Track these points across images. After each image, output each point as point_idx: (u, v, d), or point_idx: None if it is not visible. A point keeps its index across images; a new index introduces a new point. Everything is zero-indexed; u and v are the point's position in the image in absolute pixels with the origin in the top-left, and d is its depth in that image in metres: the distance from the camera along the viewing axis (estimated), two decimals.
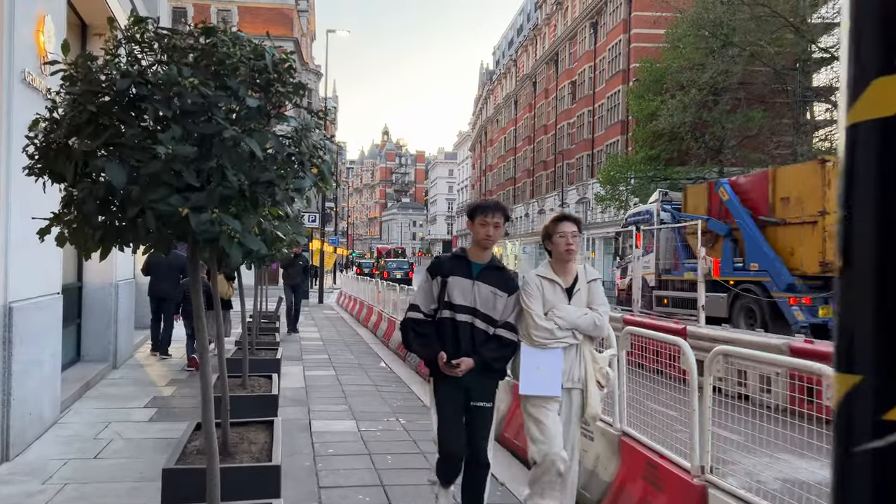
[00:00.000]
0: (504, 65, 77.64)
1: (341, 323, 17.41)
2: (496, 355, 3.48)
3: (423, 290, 3.63)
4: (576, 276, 3.64)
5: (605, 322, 3.61)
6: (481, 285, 3.50)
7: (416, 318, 3.59)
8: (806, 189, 12.30)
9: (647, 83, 37.94)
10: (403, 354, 10.77)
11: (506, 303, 3.55)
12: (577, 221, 3.69)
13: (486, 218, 3.49)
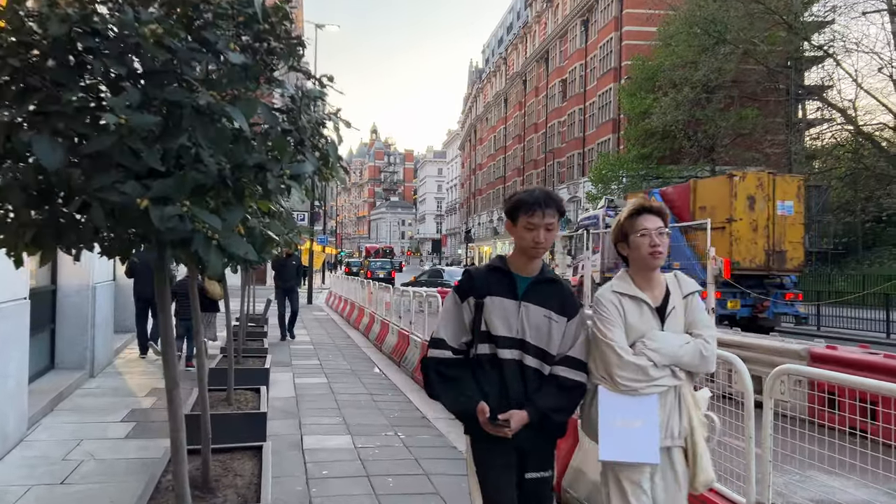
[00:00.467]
0: (494, 63, 77.20)
1: (331, 325, 16.87)
2: (557, 404, 2.49)
3: (450, 316, 2.61)
4: (666, 290, 2.60)
5: (713, 352, 2.55)
6: (530, 307, 2.52)
7: (441, 357, 2.57)
8: (717, 199, 14.39)
9: (639, 81, 37.62)
10: (398, 359, 10.29)
11: (565, 330, 2.54)
12: (663, 214, 2.61)
13: (532, 219, 2.48)
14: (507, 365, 2.49)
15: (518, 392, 2.48)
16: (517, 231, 2.53)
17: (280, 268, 13.28)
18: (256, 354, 7.15)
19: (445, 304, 2.67)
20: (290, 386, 8.33)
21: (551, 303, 2.53)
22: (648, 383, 2.46)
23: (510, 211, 2.58)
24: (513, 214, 2.57)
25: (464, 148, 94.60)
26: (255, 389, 5.24)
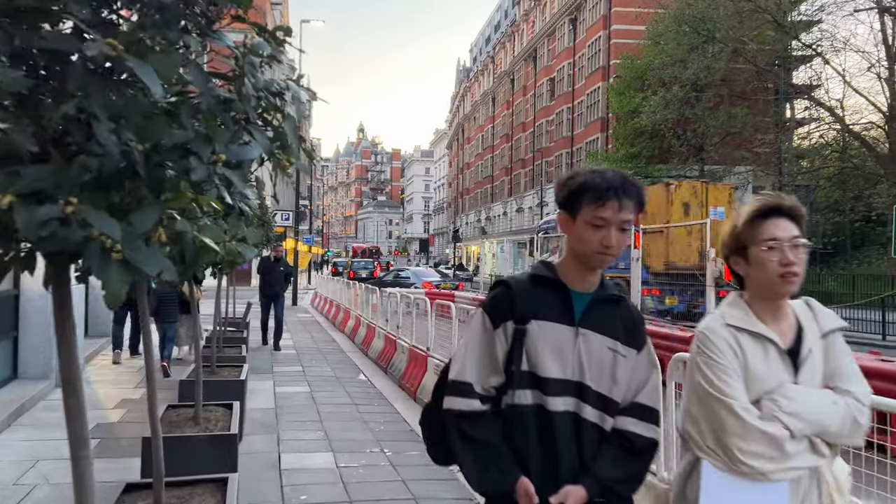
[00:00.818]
0: (482, 62, 76.83)
1: (316, 328, 16.39)
2: (625, 473, 1.77)
3: (477, 348, 1.81)
4: (797, 325, 1.82)
5: (867, 416, 1.77)
6: (591, 336, 1.77)
7: (466, 409, 1.77)
8: (656, 206, 15.80)
9: (627, 80, 37.38)
10: (384, 365, 9.85)
11: (634, 367, 1.81)
12: (798, 217, 1.81)
13: (603, 212, 1.70)
14: (558, 420, 1.73)
15: (571, 459, 1.73)
16: (576, 229, 1.75)
17: (266, 272, 11.98)
18: (233, 363, 6.68)
19: (471, 330, 1.84)
20: (270, 396, 7.87)
21: (616, 330, 1.79)
22: (782, 463, 1.67)
23: (569, 199, 1.76)
24: (572, 204, 1.75)
25: (451, 147, 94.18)
26: (228, 405, 4.79)
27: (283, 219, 23.62)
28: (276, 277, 11.99)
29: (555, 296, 1.79)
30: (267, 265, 11.96)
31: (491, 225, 67.07)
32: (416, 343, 8.63)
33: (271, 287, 11.98)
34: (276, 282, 11.99)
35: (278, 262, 12.02)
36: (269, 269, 11.94)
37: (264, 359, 10.76)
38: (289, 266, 12.95)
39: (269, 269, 11.94)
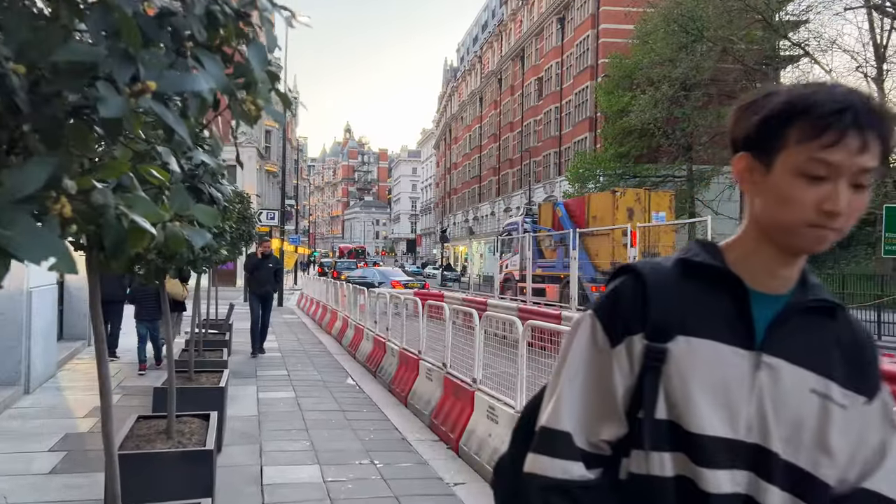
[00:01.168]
0: (469, 61, 76.54)
1: (302, 329, 15.96)
2: None
3: (581, 374, 1.10)
4: None
5: None
6: (783, 368, 1.04)
7: (560, 478, 1.06)
8: (604, 211, 18.07)
9: (616, 79, 37.20)
10: (373, 368, 9.46)
11: (861, 425, 1.06)
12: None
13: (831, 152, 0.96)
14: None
15: None
16: (772, 183, 1.02)
17: (253, 269, 11.09)
18: (213, 369, 6.27)
19: (572, 348, 1.12)
20: (254, 402, 7.46)
21: (828, 361, 1.06)
22: None
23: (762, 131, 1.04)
24: (768, 139, 1.03)
25: (438, 147, 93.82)
26: (206, 415, 4.39)
27: (268, 218, 23.19)
28: (265, 275, 11.08)
29: (720, 297, 1.07)
30: (254, 262, 11.10)
31: (478, 225, 66.78)
32: (406, 346, 8.26)
33: (262, 286, 11.13)
34: (265, 280, 11.11)
35: (267, 259, 11.09)
36: (256, 266, 11.04)
37: (248, 362, 10.35)
38: (279, 262, 12.04)
39: (257, 267, 11.03)
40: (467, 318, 6.42)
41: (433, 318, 8.24)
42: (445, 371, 6.56)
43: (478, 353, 5.74)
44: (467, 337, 6.49)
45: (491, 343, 6.09)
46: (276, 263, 11.63)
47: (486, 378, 5.70)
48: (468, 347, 6.24)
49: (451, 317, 6.62)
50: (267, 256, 11.17)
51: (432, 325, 7.90)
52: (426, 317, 7.75)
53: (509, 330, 5.66)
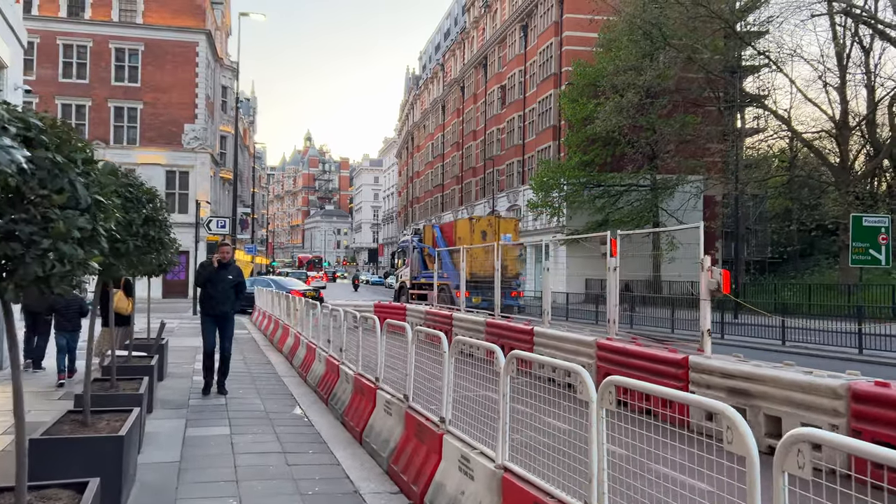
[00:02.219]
0: (431, 69, 75.84)
1: (251, 346, 14.67)
2: None
3: None
4: None
5: None
6: None
7: None
8: (465, 233, 23.37)
9: (580, 86, 36.76)
10: (325, 394, 8.30)
11: None
12: None
13: None
14: None
15: None
16: None
17: (205, 282, 8.70)
18: (119, 408, 5.04)
19: None
20: (178, 442, 6.25)
21: None
22: None
23: None
24: None
25: (401, 156, 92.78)
26: (82, 485, 3.23)
27: (218, 226, 21.78)
28: (222, 291, 8.65)
29: None
30: (207, 274, 8.67)
31: None
32: (362, 371, 7.15)
33: (218, 304, 8.65)
34: (223, 297, 8.67)
35: (225, 270, 8.73)
36: (210, 278, 8.64)
37: (179, 386, 9.09)
38: (241, 274, 9.15)
39: (212, 280, 8.62)
40: (434, 339, 5.36)
41: (395, 333, 7.10)
42: (407, 405, 5.48)
43: (446, 387, 4.69)
44: (434, 361, 5.43)
45: (465, 367, 5.04)
46: (238, 276, 8.97)
47: (459, 417, 4.65)
48: (436, 376, 5.18)
49: (414, 339, 5.55)
50: (225, 266, 8.75)
51: (394, 344, 6.77)
52: (385, 337, 6.64)
53: (487, 360, 4.62)
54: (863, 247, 23.86)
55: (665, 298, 23.45)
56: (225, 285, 8.68)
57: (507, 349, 12.66)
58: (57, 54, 37.71)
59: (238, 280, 8.91)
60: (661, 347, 8.30)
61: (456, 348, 4.73)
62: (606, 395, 3.00)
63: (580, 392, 3.21)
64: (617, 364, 8.54)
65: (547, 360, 3.74)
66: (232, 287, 8.76)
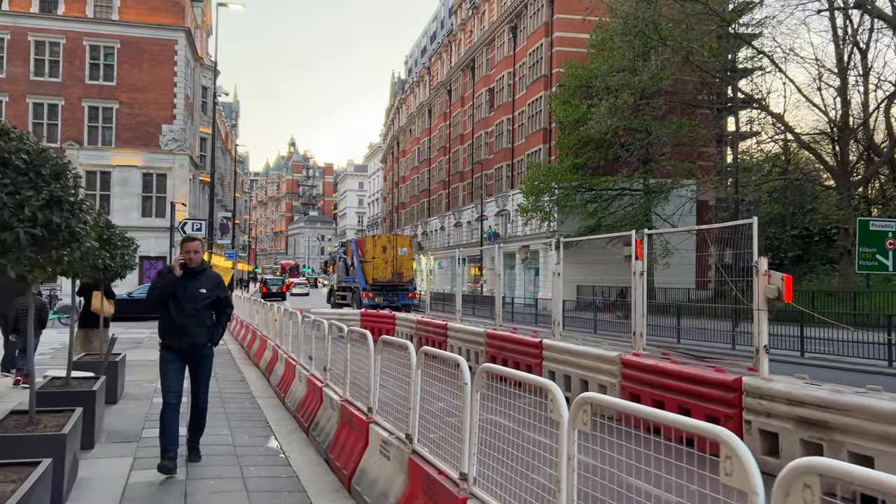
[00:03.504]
0: (417, 73, 74.70)
1: (225, 360, 13.29)
2: None
3: None
4: None
5: None
6: None
7: None
8: (371, 247, 28.09)
9: (571, 88, 35.73)
10: (306, 422, 7.00)
11: None
12: None
13: None
14: None
15: None
16: None
17: (166, 298, 5.65)
18: (15, 462, 3.72)
19: None
20: (116, 492, 4.92)
21: None
22: None
23: None
24: None
25: (386, 161, 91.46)
26: None
27: (194, 229, 20.36)
28: (192, 312, 5.65)
29: None
30: (168, 286, 5.65)
31: (427, 240, 64.58)
32: (351, 397, 5.87)
33: (186, 332, 5.64)
34: (193, 321, 5.66)
35: (196, 279, 5.73)
36: (173, 294, 5.62)
37: (135, 411, 7.74)
38: (221, 284, 6.03)
39: (176, 296, 5.62)
40: (446, 363, 4.11)
41: (392, 350, 5.73)
42: (411, 449, 4.22)
43: (469, 432, 3.43)
44: (449, 392, 4.17)
45: (495, 403, 3.77)
46: (216, 287, 5.89)
47: (487, 471, 3.40)
48: (451, 412, 3.93)
49: (420, 364, 4.29)
50: (195, 274, 5.73)
51: (392, 364, 5.43)
52: (380, 355, 5.34)
53: (524, 394, 3.36)
54: (869, 252, 22.94)
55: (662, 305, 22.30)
56: (195, 303, 5.61)
57: (511, 363, 11.47)
58: (28, 51, 36.11)
59: (216, 294, 5.80)
60: (702, 365, 7.10)
61: (481, 382, 3.46)
62: None
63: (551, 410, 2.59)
64: (647, 384, 7.33)
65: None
66: (207, 305, 5.73)
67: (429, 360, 4.26)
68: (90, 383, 6.34)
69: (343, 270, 30.71)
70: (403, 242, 29.39)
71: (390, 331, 16.82)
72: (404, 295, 27.49)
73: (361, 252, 28.54)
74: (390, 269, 27.73)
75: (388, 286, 27.41)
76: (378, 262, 27.51)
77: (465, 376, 3.52)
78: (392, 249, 28.22)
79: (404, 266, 28.00)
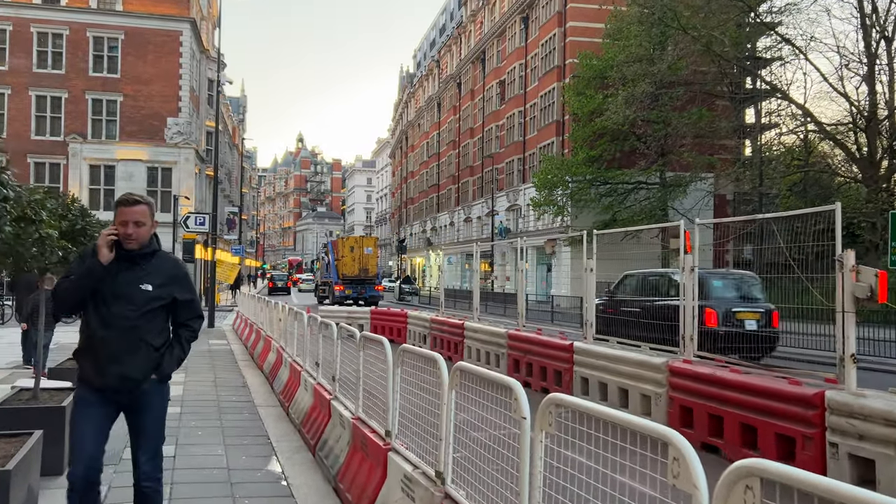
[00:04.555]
0: (426, 66, 73.70)
1: (226, 362, 12.45)
2: None
3: None
4: None
5: None
6: None
7: None
8: (342, 247, 33.68)
9: (586, 79, 34.69)
10: (313, 439, 6.11)
11: None
12: None
13: None
14: None
15: None
16: None
17: (81, 302, 3.46)
18: None
19: None
20: None
21: None
22: None
23: None
24: None
25: (394, 156, 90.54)
26: None
27: (197, 223, 19.51)
28: (122, 324, 3.40)
29: None
30: (88, 280, 3.40)
31: (437, 236, 63.69)
32: (364, 415, 4.97)
33: (114, 358, 3.40)
34: (130, 336, 3.42)
35: (135, 268, 3.48)
36: (98, 291, 3.41)
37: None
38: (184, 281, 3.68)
39: (99, 296, 3.42)
40: (491, 386, 3.22)
41: (414, 362, 4.76)
42: (443, 492, 3.33)
43: (527, 478, 2.54)
44: (489, 416, 3.30)
45: (567, 440, 2.86)
46: (173, 284, 3.59)
47: None
48: (494, 445, 3.04)
49: (453, 385, 3.39)
50: (140, 259, 3.50)
51: (414, 378, 4.47)
52: (400, 367, 4.40)
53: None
54: None
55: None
56: (132, 307, 3.43)
57: (536, 368, 10.55)
58: (31, 43, 35.38)
59: (171, 295, 3.56)
60: (770, 376, 6.17)
61: (548, 417, 2.55)
62: None
63: None
64: (701, 396, 6.41)
65: None
66: (153, 311, 3.51)
67: (466, 381, 3.35)
68: (62, 397, 5.47)
69: (325, 268, 35.93)
70: (368, 243, 34.48)
71: (402, 330, 15.96)
72: (371, 287, 32.63)
73: (336, 252, 33.39)
74: (357, 265, 32.63)
75: (357, 280, 32.20)
76: (346, 260, 32.54)
77: (522, 408, 2.62)
78: (359, 249, 33.18)
79: (369, 263, 33.06)
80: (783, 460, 5.38)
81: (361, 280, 32.35)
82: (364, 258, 32.93)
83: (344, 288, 31.95)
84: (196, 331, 3.73)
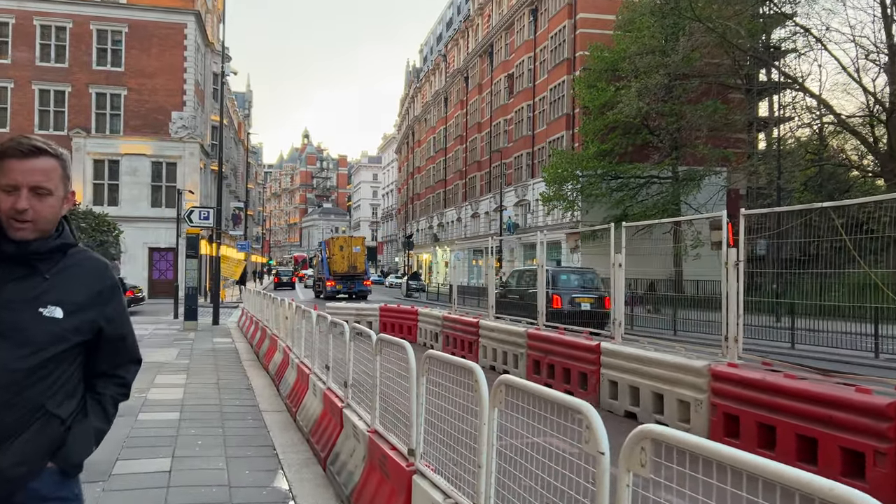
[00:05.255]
0: (433, 61, 73.02)
1: (230, 361, 11.91)
2: None
3: None
4: None
5: None
6: None
7: None
8: (333, 246, 37.09)
9: (597, 71, 34.00)
10: (324, 451, 5.55)
11: None
12: None
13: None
14: None
15: None
16: None
17: None
18: None
19: None
20: None
21: None
22: None
23: None
24: None
25: (401, 151, 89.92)
26: None
27: (201, 217, 18.98)
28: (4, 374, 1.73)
29: None
30: None
31: (443, 231, 63.10)
32: (382, 428, 4.41)
33: None
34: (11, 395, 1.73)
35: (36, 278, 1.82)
36: None
37: (110, 438, 6.34)
38: (113, 300, 1.95)
39: None
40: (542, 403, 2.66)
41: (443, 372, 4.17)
42: None
43: None
44: (539, 440, 2.73)
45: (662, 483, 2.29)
46: (97, 304, 1.90)
47: None
48: (546, 462, 2.48)
49: (495, 402, 2.81)
50: (38, 257, 1.82)
51: (441, 389, 3.88)
52: (425, 377, 3.82)
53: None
54: None
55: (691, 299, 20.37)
56: (23, 349, 1.76)
57: (559, 370, 9.97)
58: (34, 36, 34.95)
59: (92, 323, 1.90)
60: (830, 382, 5.57)
61: (635, 456, 1.97)
62: None
63: None
64: (750, 403, 5.82)
65: None
66: (61, 353, 1.83)
67: (514, 398, 2.77)
68: None
69: (320, 265, 39.00)
70: (357, 242, 38.02)
71: (412, 328, 15.41)
72: (360, 283, 35.78)
73: (328, 251, 36.76)
74: (346, 263, 35.86)
75: (346, 276, 35.48)
76: (337, 258, 35.76)
77: (599, 440, 2.04)
78: (348, 248, 36.47)
79: (358, 261, 36.30)
80: (851, 477, 4.78)
81: (351, 276, 35.49)
82: (353, 256, 36.05)
83: (335, 283, 35.04)
84: (129, 385, 2.10)
